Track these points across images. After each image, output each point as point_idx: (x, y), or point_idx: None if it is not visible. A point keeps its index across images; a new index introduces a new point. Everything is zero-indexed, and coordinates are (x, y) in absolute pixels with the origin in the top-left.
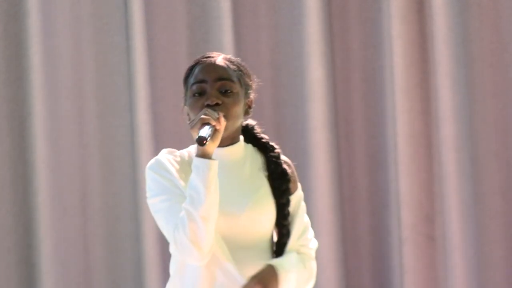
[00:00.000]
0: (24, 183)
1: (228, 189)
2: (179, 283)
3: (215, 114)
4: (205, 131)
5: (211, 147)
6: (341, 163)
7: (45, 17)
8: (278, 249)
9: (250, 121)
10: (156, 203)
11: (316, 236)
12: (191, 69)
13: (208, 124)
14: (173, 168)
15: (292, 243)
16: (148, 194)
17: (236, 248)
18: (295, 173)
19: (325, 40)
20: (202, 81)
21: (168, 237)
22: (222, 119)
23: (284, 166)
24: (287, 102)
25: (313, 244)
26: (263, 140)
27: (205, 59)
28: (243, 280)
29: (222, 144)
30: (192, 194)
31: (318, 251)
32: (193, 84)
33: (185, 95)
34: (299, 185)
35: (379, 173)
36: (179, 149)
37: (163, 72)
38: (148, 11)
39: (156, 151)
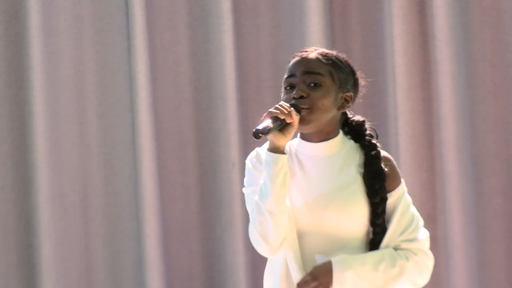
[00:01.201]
0: (25, 183)
1: (316, 184)
2: (270, 272)
3: (287, 107)
4: (264, 125)
5: (282, 141)
6: None
7: (46, 17)
8: (373, 247)
9: (359, 117)
10: (248, 194)
11: None
12: (288, 65)
13: (276, 118)
14: None
15: (388, 240)
16: (244, 184)
17: (321, 243)
18: (397, 170)
19: (326, 40)
20: (292, 75)
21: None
22: (294, 113)
23: (382, 164)
24: None
25: (423, 235)
26: (366, 138)
27: (299, 53)
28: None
29: (316, 140)
30: (261, 187)
31: None
32: (286, 78)
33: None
34: (402, 180)
35: None
36: (178, 148)
37: (164, 72)
38: (149, 11)
39: (157, 151)
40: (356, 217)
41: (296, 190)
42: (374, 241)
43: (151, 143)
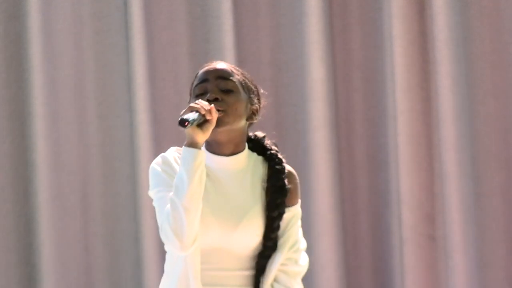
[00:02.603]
0: (24, 183)
1: (226, 199)
2: (168, 280)
3: (207, 105)
4: (189, 115)
5: (200, 137)
6: (342, 163)
7: (46, 17)
8: (261, 260)
9: (259, 133)
10: (154, 194)
11: (316, 236)
12: (195, 76)
13: (197, 111)
14: (177, 165)
15: (285, 254)
16: (149, 188)
17: (223, 256)
18: (298, 188)
19: (325, 39)
20: (204, 81)
21: (159, 226)
22: (214, 110)
23: (286, 180)
24: (288, 102)
25: (304, 261)
26: (272, 152)
27: (207, 64)
28: None
29: (226, 153)
30: (177, 183)
31: (318, 251)
32: (195, 86)
33: (189, 101)
34: (299, 201)
35: (379, 173)
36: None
37: (163, 72)
38: (148, 11)
39: (155, 151)
40: (256, 235)
41: (206, 204)
42: (263, 255)
43: (150, 143)
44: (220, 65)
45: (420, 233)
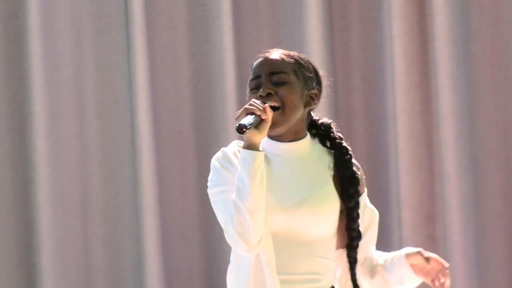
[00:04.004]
0: (24, 183)
1: (288, 183)
2: (236, 270)
3: (260, 103)
4: (246, 120)
5: (258, 137)
6: None
7: (45, 17)
8: (350, 251)
9: (326, 119)
10: (214, 194)
11: None
12: (251, 68)
13: (252, 113)
14: (236, 159)
15: (373, 246)
16: (208, 184)
17: (291, 243)
18: (363, 177)
19: (325, 39)
20: (257, 77)
21: (223, 228)
22: (268, 109)
23: (354, 169)
24: None
25: None
26: (337, 141)
27: (261, 55)
28: (273, 282)
29: (286, 139)
30: (239, 186)
31: None
32: (250, 81)
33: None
34: (365, 189)
35: (379, 173)
36: (177, 148)
37: (163, 72)
38: (149, 11)
39: (156, 151)
40: (326, 218)
41: (268, 189)
42: (351, 246)
43: (150, 143)
44: (273, 55)
45: (420, 233)
